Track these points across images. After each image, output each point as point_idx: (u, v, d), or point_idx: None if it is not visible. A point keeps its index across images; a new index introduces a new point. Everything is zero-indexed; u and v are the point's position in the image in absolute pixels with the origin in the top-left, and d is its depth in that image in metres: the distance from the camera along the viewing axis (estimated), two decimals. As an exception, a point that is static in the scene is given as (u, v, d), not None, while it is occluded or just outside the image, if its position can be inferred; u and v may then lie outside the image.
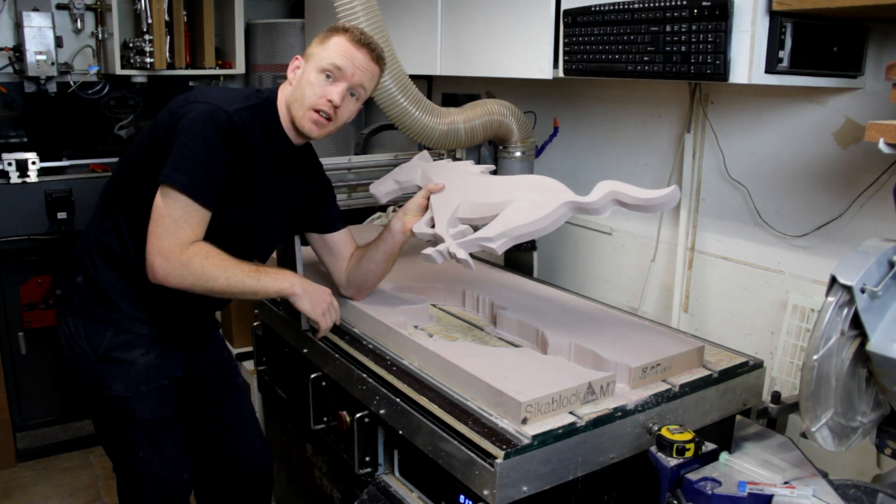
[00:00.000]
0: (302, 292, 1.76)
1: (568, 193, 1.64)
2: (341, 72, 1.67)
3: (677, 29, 1.69)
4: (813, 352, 1.25)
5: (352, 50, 1.68)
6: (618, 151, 2.42)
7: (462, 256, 1.66)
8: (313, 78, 1.68)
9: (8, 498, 3.00)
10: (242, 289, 1.67)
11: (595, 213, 1.62)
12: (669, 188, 1.54)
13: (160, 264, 1.59)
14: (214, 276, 1.62)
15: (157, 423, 1.80)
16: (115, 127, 3.71)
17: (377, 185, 2.07)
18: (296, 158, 1.82)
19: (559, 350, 1.67)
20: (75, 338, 1.76)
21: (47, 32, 3.23)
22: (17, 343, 3.30)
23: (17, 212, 3.07)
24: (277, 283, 1.73)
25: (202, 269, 1.61)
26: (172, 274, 1.60)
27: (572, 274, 2.64)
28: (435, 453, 1.47)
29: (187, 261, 1.59)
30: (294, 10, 3.88)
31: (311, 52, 1.71)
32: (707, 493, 1.35)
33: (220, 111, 1.61)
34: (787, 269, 1.98)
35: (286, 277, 1.76)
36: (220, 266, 1.63)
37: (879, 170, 1.73)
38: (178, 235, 1.59)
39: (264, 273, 1.71)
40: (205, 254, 1.62)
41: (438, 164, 1.98)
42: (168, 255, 1.59)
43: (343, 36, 1.69)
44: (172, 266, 1.59)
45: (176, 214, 1.59)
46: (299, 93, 1.70)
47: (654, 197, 1.54)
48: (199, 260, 1.60)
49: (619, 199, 1.58)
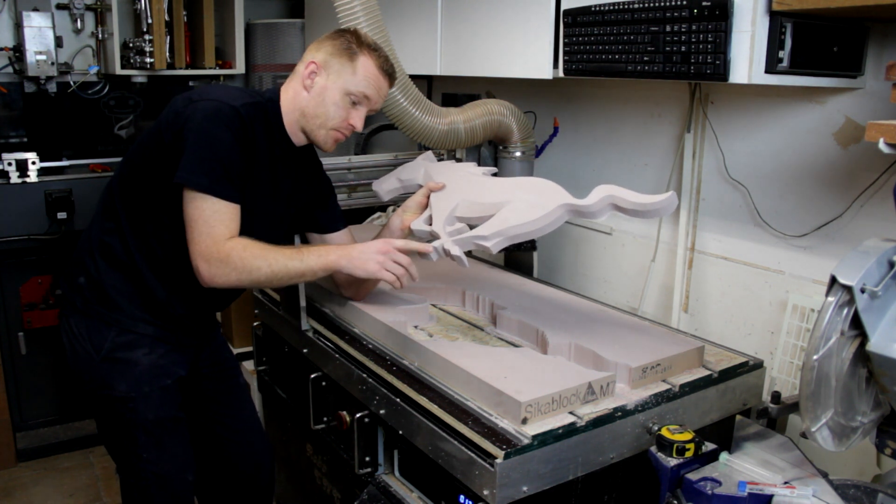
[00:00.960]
0: (348, 261, 1.66)
1: (565, 196, 1.65)
2: (368, 101, 1.71)
3: (677, 29, 1.69)
4: (813, 352, 1.25)
5: (380, 80, 1.72)
6: (618, 151, 2.42)
7: (456, 253, 1.66)
8: (339, 99, 1.69)
9: (8, 498, 3.00)
10: (288, 273, 1.63)
11: (591, 217, 1.62)
12: (667, 194, 1.54)
13: (204, 268, 1.59)
14: (257, 267, 1.60)
15: (161, 423, 1.79)
16: (115, 127, 3.71)
17: (380, 183, 2.08)
18: (296, 159, 1.82)
19: (559, 350, 1.67)
20: (78, 338, 1.76)
21: (47, 32, 3.23)
22: (17, 343, 3.30)
23: (17, 212, 3.07)
24: (322, 259, 1.66)
25: (243, 263, 1.59)
26: (217, 274, 1.59)
27: (572, 274, 2.65)
28: (435, 453, 1.48)
29: (226, 257, 1.58)
30: (294, 10, 3.88)
31: (335, 67, 1.69)
32: (707, 493, 1.35)
33: (225, 106, 1.61)
34: (787, 269, 1.98)
35: (330, 251, 1.69)
36: (259, 255, 1.61)
37: (879, 170, 1.73)
38: (213, 235, 1.59)
39: (307, 252, 1.66)
40: (242, 247, 1.60)
41: (441, 165, 1.99)
42: (208, 256, 1.58)
43: (372, 60, 1.70)
44: (215, 266, 1.58)
45: (206, 215, 1.58)
46: (322, 110, 1.70)
47: (651, 202, 1.54)
48: (238, 253, 1.59)
49: (616, 203, 1.58)
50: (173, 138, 1.60)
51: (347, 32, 1.74)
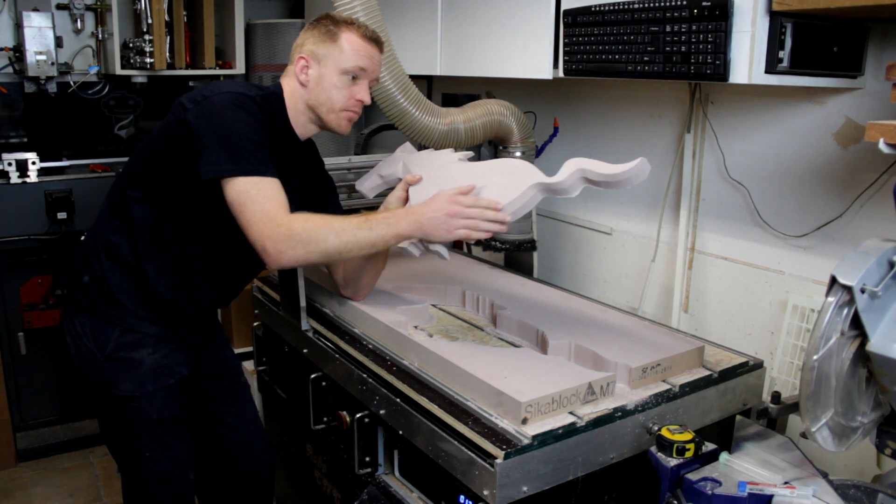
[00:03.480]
0: (420, 230, 1.57)
1: (538, 175, 1.63)
2: (365, 72, 1.71)
3: (677, 29, 1.69)
4: (813, 352, 1.26)
5: (368, 48, 1.72)
6: (618, 151, 2.42)
7: (435, 248, 1.66)
8: (337, 80, 1.70)
9: (8, 498, 3.00)
10: (358, 243, 1.55)
11: (565, 194, 1.59)
12: (636, 160, 1.49)
13: (270, 246, 1.51)
14: (324, 237, 1.53)
15: (164, 422, 1.80)
16: (115, 127, 3.71)
17: (362, 182, 2.06)
18: (300, 153, 1.83)
19: (559, 350, 1.67)
20: (82, 338, 1.76)
21: (47, 32, 3.23)
22: (17, 343, 3.30)
23: (17, 212, 3.07)
24: (393, 228, 1.57)
25: (308, 234, 1.52)
26: (284, 251, 1.51)
27: (572, 274, 2.65)
28: (435, 453, 1.48)
29: (288, 231, 1.51)
30: (294, 10, 3.89)
31: (322, 53, 1.70)
32: (707, 493, 1.35)
33: (239, 95, 1.61)
34: (787, 269, 1.98)
35: (399, 218, 1.58)
36: (325, 225, 1.55)
37: (879, 170, 1.74)
38: (267, 212, 1.52)
39: (375, 220, 1.57)
40: (303, 219, 1.55)
41: (419, 155, 1.97)
42: (270, 234, 1.51)
43: (353, 33, 1.71)
44: (280, 243, 1.51)
45: (252, 196, 1.53)
46: (325, 97, 1.71)
47: (620, 171, 1.50)
48: (300, 224, 1.52)
49: (587, 176, 1.55)
50: (191, 138, 1.58)
51: (322, 18, 1.75)
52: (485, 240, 2.46)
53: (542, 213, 2.70)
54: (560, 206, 2.68)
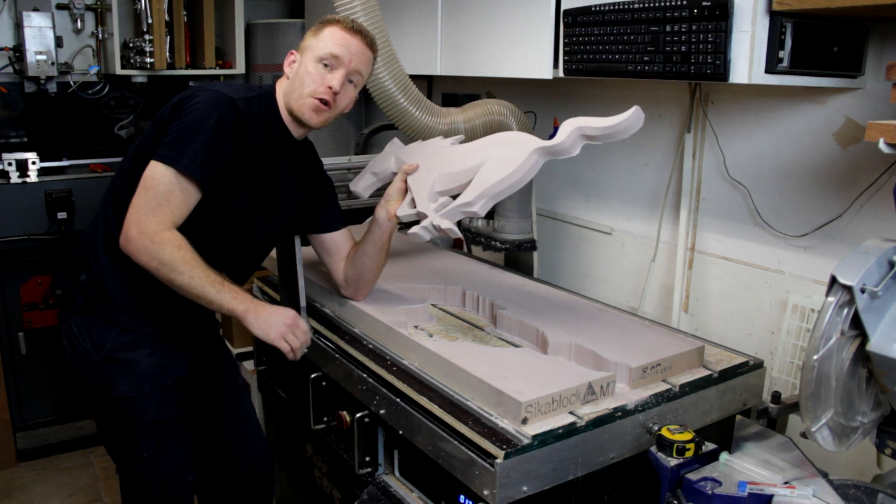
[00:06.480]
0: (254, 318, 1.65)
1: (536, 141, 1.65)
2: (338, 60, 1.70)
3: (677, 29, 1.69)
4: (813, 352, 1.26)
5: (346, 38, 1.71)
6: (618, 151, 2.42)
7: (447, 226, 1.68)
8: (311, 68, 1.71)
9: (8, 498, 3.00)
10: (200, 294, 1.61)
11: (566, 154, 1.60)
12: (631, 109, 1.51)
13: (134, 237, 1.58)
14: (179, 270, 1.58)
15: (162, 423, 1.80)
16: (115, 127, 3.71)
17: (356, 182, 2.06)
18: (296, 152, 1.83)
19: (559, 350, 1.67)
20: (78, 338, 1.76)
21: (47, 32, 3.23)
22: (17, 343, 3.30)
23: (17, 212, 3.07)
24: (233, 303, 1.64)
25: (171, 259, 1.58)
26: (142, 251, 1.58)
27: (572, 274, 2.65)
28: (435, 453, 1.48)
29: (160, 245, 1.58)
30: (294, 10, 3.89)
31: (306, 45, 1.74)
32: (707, 493, 1.35)
33: (223, 96, 1.64)
34: (787, 269, 1.98)
35: (244, 300, 1.66)
36: (188, 263, 1.60)
37: (879, 170, 1.74)
38: (157, 214, 1.59)
39: (226, 288, 1.64)
40: (178, 246, 1.60)
41: (409, 147, 1.98)
42: (145, 230, 1.58)
43: (335, 26, 1.73)
44: (143, 244, 1.58)
45: (160, 190, 1.59)
46: (298, 83, 1.73)
47: (617, 122, 1.52)
48: (171, 249, 1.58)
49: (586, 133, 1.57)
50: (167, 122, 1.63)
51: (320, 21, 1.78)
52: (485, 240, 2.48)
53: (542, 213, 2.70)
54: (560, 206, 2.68)
